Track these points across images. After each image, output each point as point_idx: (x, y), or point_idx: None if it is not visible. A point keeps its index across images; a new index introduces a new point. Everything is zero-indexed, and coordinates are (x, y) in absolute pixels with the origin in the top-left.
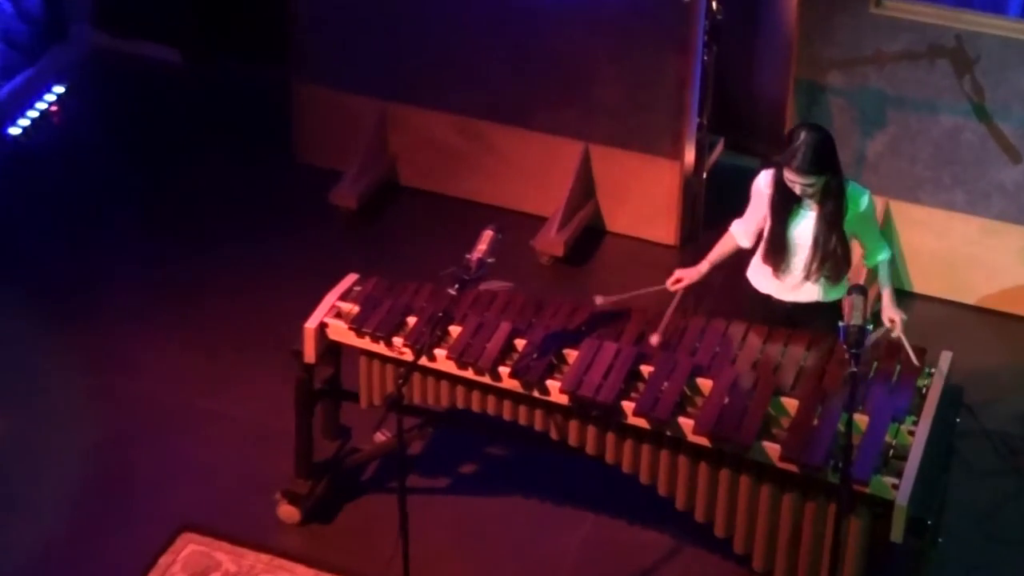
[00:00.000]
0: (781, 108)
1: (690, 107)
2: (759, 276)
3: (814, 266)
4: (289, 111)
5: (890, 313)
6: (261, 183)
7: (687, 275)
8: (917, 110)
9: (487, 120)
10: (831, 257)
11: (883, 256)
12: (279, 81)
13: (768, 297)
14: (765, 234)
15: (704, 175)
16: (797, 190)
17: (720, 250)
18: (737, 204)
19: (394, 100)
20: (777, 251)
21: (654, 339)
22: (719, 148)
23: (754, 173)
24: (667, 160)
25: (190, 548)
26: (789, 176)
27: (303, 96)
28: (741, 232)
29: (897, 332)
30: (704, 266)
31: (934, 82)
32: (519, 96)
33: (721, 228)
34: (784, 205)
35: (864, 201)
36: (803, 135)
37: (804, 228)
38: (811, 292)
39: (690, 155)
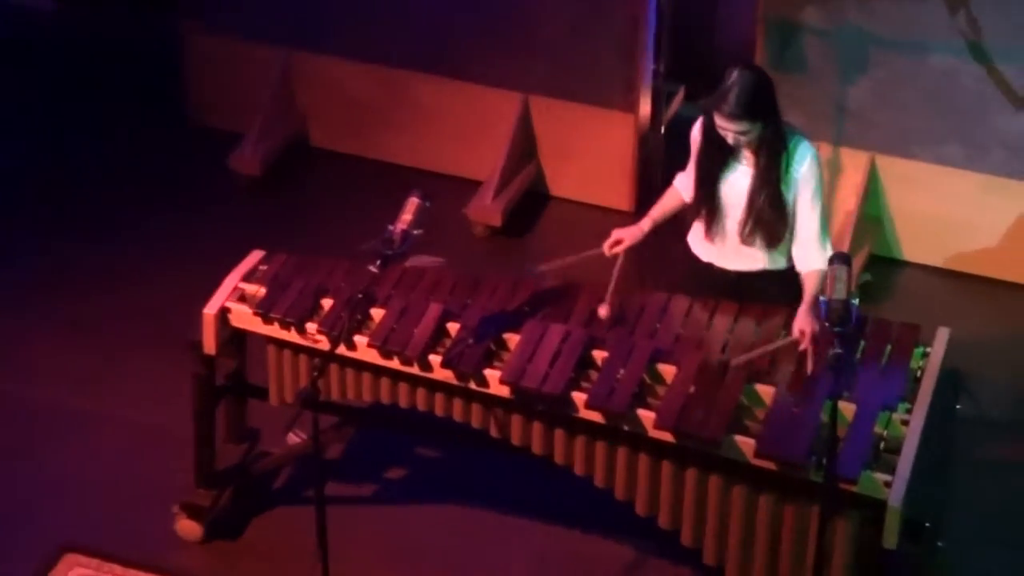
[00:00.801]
0: (749, 50)
1: (644, 50)
2: (698, 242)
3: (747, 228)
4: (180, 65)
5: (802, 323)
6: (149, 149)
7: (627, 235)
8: (906, 51)
9: (409, 69)
10: (765, 217)
11: (816, 265)
12: (167, 30)
13: (710, 266)
14: (694, 190)
15: (662, 129)
16: (729, 139)
17: (663, 206)
18: None
19: (301, 49)
20: (708, 207)
21: (602, 311)
22: (679, 98)
23: None
24: (619, 113)
25: (76, 572)
26: (720, 122)
27: (195, 47)
28: (685, 184)
29: (805, 344)
30: (646, 224)
31: (925, 18)
32: (446, 41)
33: None
34: (714, 157)
35: (804, 160)
36: (735, 75)
37: (736, 184)
38: (754, 259)
39: (645, 107)
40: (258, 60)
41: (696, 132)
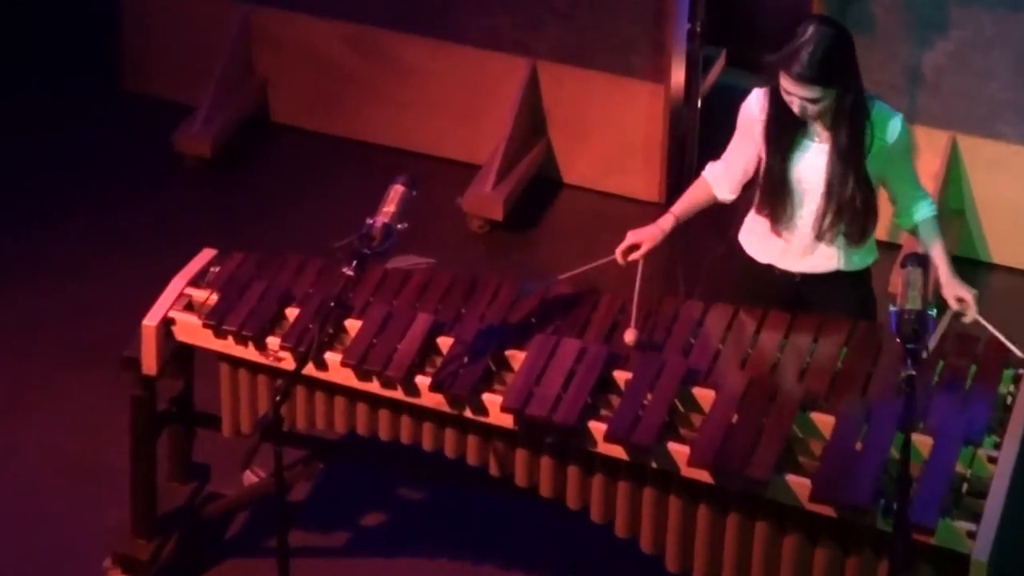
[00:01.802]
0: (804, 7)
1: (677, 7)
2: (755, 238)
3: (827, 220)
4: (115, 20)
5: (956, 290)
6: (77, 123)
7: (645, 238)
8: (993, 6)
9: (391, 29)
10: (849, 207)
11: (924, 212)
12: None
13: (769, 268)
14: (761, 174)
15: (698, 103)
16: (795, 107)
17: (689, 201)
18: None
19: (261, 3)
20: (776, 197)
21: (628, 336)
22: (719, 65)
23: None
24: (646, 82)
25: None
26: (785, 85)
27: None
28: (720, 177)
29: (972, 314)
30: (667, 223)
31: None
32: None
33: None
34: (782, 132)
35: (895, 128)
36: (810, 31)
37: (811, 166)
38: (827, 258)
39: (678, 75)
40: (210, 16)
41: (751, 106)
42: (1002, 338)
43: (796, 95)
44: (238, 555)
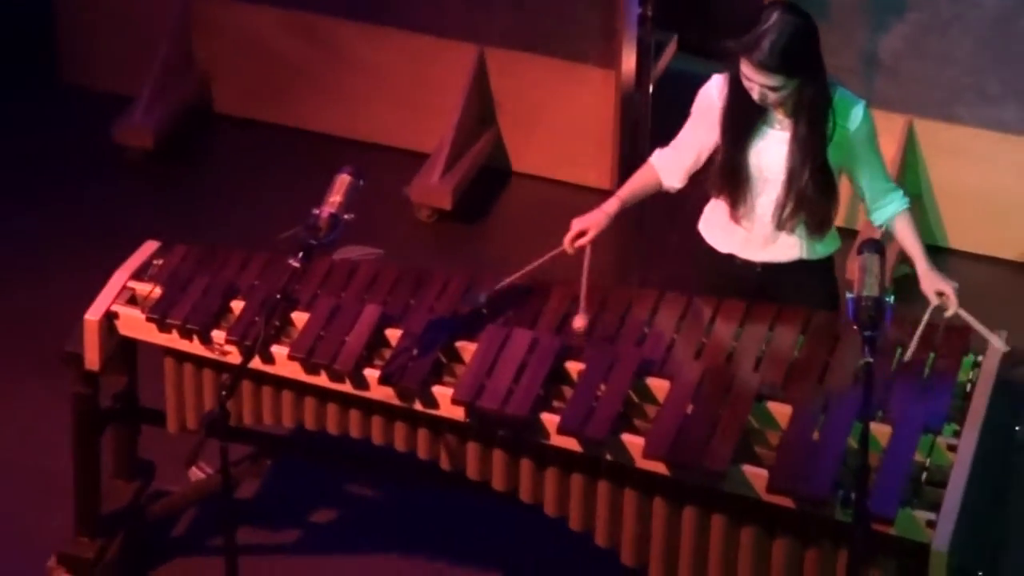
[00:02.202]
0: None
1: None
2: (715, 229)
3: (787, 210)
4: (50, 8)
5: (935, 283)
6: (11, 115)
7: (591, 224)
8: None
9: (335, 16)
10: (809, 197)
11: (898, 205)
12: None
13: (730, 258)
14: (718, 160)
15: (650, 89)
16: (755, 93)
17: (635, 185)
18: None
19: None
20: (734, 185)
21: (578, 321)
22: (670, 50)
23: None
24: (596, 68)
25: None
26: (746, 71)
27: None
28: (668, 164)
29: (953, 308)
30: (611, 206)
31: None
32: None
33: None
34: (740, 118)
35: (856, 116)
36: (774, 18)
37: (771, 154)
38: (789, 247)
39: (629, 61)
40: (148, 4)
41: (710, 91)
42: (984, 331)
43: (756, 82)
44: (185, 554)
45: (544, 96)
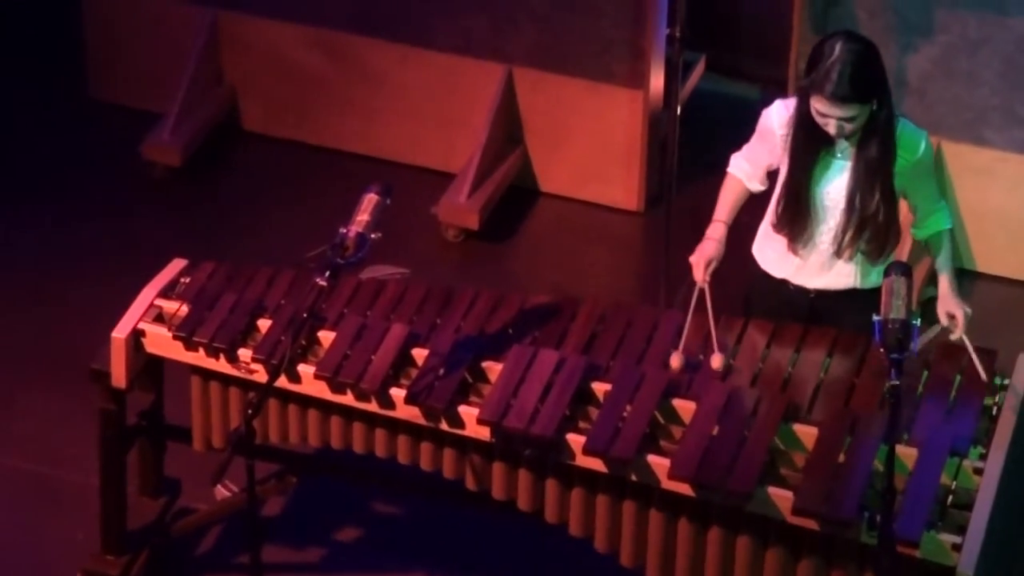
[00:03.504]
0: (785, 9)
1: (656, 11)
2: (770, 253)
3: (848, 236)
4: (80, 26)
5: (949, 306)
6: (41, 132)
7: (711, 255)
8: (979, 9)
9: (363, 35)
10: (871, 223)
11: (943, 224)
12: None
13: (783, 283)
14: (778, 191)
15: (678, 109)
16: (831, 128)
17: (729, 201)
18: (725, 150)
19: (229, 8)
20: (797, 215)
21: (715, 361)
22: (699, 70)
23: (750, 104)
24: (624, 88)
25: None
26: (820, 108)
27: (99, 3)
28: (748, 169)
29: (958, 333)
30: (718, 230)
31: None
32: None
33: (704, 184)
34: (809, 149)
35: (921, 145)
36: (838, 49)
37: (834, 182)
38: (844, 275)
39: (657, 81)
40: (177, 21)
41: (772, 119)
42: (978, 364)
43: (832, 116)
44: (210, 571)
45: (571, 116)
